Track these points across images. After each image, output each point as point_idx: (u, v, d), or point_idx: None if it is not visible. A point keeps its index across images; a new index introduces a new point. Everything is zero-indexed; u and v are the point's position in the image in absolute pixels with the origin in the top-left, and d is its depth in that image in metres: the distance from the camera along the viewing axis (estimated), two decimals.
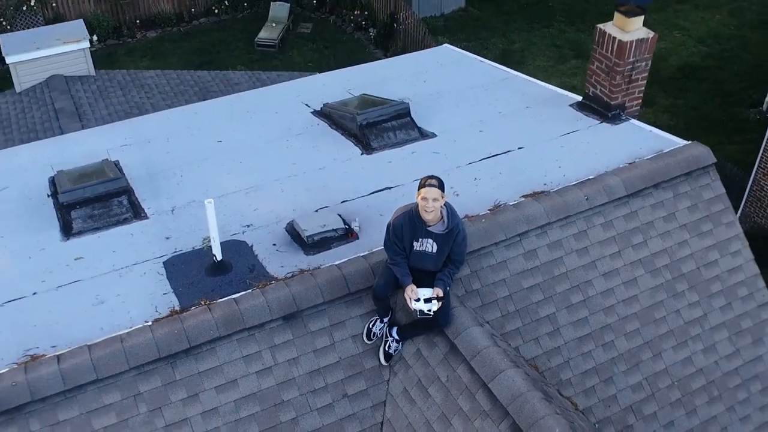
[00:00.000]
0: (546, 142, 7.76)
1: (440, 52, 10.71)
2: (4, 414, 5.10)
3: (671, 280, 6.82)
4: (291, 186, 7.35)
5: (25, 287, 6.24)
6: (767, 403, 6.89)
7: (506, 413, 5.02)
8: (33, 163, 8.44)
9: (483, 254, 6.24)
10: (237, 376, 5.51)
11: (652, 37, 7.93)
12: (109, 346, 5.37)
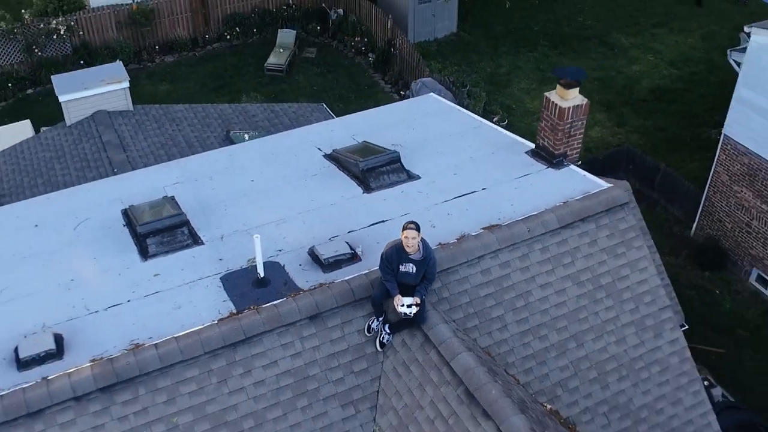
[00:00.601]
0: (504, 184, 10.25)
1: (425, 101, 13.21)
2: (122, 383, 7.59)
3: (592, 289, 9.31)
4: (310, 219, 9.84)
5: (120, 296, 8.73)
6: (664, 380, 9.36)
7: (461, 382, 7.51)
8: (105, 198, 10.92)
9: (451, 272, 8.73)
10: (277, 358, 7.99)
11: (585, 104, 10.38)
12: (190, 338, 7.86)
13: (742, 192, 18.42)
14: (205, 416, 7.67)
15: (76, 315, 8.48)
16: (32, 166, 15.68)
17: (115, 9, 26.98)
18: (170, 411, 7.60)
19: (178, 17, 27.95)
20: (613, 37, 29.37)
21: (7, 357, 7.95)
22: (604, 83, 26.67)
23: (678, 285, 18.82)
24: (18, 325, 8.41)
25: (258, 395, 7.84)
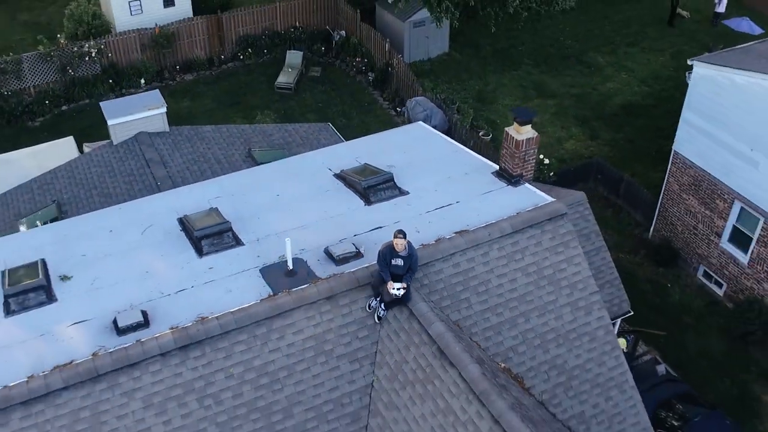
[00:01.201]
0: (472, 198, 13.40)
1: (415, 129, 16.39)
2: (193, 344, 10.72)
3: (537, 279, 12.45)
4: (324, 225, 12.99)
5: (185, 284, 11.87)
6: (592, 347, 12.50)
7: (435, 342, 10.66)
8: (163, 209, 14.08)
9: (429, 265, 11.87)
10: (303, 327, 11.13)
11: (536, 137, 13.50)
12: (241, 312, 11.02)
13: (690, 200, 21.59)
14: (252, 368, 10.81)
15: (153, 297, 11.64)
16: (86, 179, 18.81)
17: (139, 33, 30.15)
18: (228, 364, 10.75)
19: (196, 39, 31.12)
20: (590, 56, 32.54)
21: (108, 327, 11.10)
22: (580, 99, 29.84)
23: (635, 279, 22.16)
24: (110, 305, 11.57)
25: (290, 353, 10.98)
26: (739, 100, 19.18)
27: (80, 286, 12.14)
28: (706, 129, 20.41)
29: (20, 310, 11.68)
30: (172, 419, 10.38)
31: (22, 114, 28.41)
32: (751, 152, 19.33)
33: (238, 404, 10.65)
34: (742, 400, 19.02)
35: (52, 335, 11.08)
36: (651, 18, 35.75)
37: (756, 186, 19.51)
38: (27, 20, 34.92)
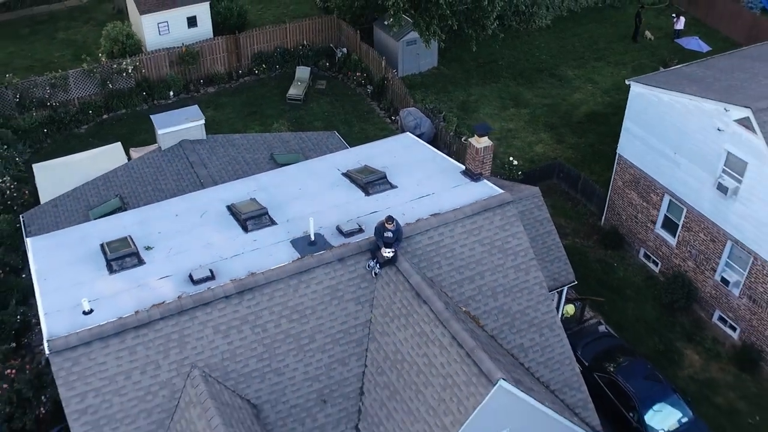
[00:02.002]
0: (444, 191, 18.34)
1: (403, 139, 21.36)
2: (247, 291, 15.66)
3: (490, 248, 17.39)
4: (336, 211, 17.93)
5: (237, 251, 16.83)
6: (530, 297, 17.41)
7: (413, 288, 15.61)
8: (214, 199, 19.03)
9: (411, 238, 16.82)
10: (322, 280, 16.09)
11: (491, 145, 18.47)
12: (279, 269, 15.96)
13: (631, 194, 26.58)
14: (287, 307, 15.75)
15: (215, 260, 16.57)
16: (141, 178, 23.74)
17: (168, 51, 35.10)
18: (271, 304, 15.68)
19: (217, 56, 36.09)
20: (561, 70, 37.53)
21: (185, 279, 16.03)
22: (550, 108, 34.82)
23: (588, 260, 27.14)
24: (185, 265, 16.50)
25: (313, 297, 15.93)
26: (665, 114, 24.17)
27: (160, 253, 17.09)
28: (642, 136, 25.40)
29: (120, 269, 16.62)
30: (233, 341, 15.32)
31: (70, 122, 33.34)
32: (674, 155, 24.31)
33: (278, 332, 15.59)
34: (666, 353, 24.00)
35: (146, 286, 16.02)
36: (617, 35, 40.78)
37: (680, 182, 24.50)
38: (64, 38, 39.86)
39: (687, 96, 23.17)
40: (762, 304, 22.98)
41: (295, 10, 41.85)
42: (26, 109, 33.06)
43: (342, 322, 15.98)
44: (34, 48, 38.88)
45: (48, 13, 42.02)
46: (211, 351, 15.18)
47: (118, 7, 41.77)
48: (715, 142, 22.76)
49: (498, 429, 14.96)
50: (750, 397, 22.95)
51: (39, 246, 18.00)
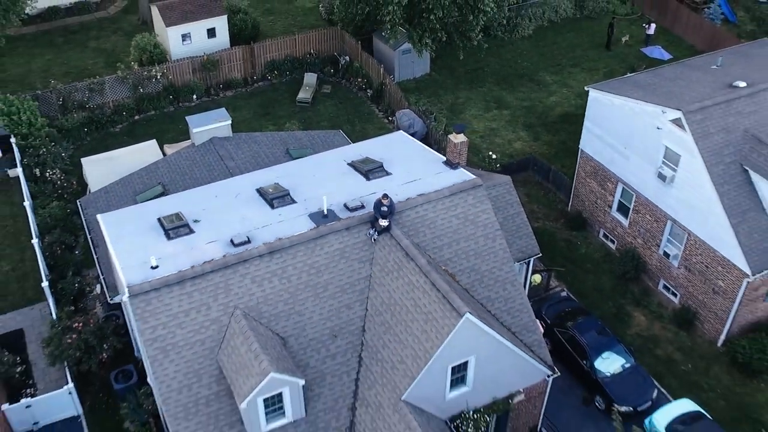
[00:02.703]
0: (429, 176, 23.32)
1: (397, 136, 26.35)
2: (276, 251, 20.62)
3: (464, 221, 22.34)
4: (343, 192, 22.92)
5: (267, 222, 21.81)
6: (496, 260, 22.35)
7: (403, 248, 20.59)
8: (245, 184, 24.00)
9: (402, 212, 21.79)
10: (333, 243, 21.05)
11: (466, 141, 23.43)
12: (300, 236, 20.94)
13: (591, 183, 31.55)
14: (306, 264, 20.70)
15: (250, 229, 21.54)
16: (179, 168, 28.67)
17: (191, 59, 40.05)
18: (294, 262, 20.63)
19: (234, 64, 41.02)
20: (540, 75, 42.49)
21: (228, 243, 20.98)
22: (529, 110, 39.78)
23: (556, 239, 32.07)
24: (227, 233, 21.45)
25: (326, 257, 20.89)
26: (616, 115, 29.15)
27: (206, 225, 22.04)
28: (599, 134, 30.38)
29: (175, 237, 21.56)
30: (266, 289, 20.26)
31: (106, 122, 38.28)
32: (625, 150, 29.29)
33: (299, 283, 20.54)
34: (618, 315, 28.96)
35: (197, 248, 20.96)
36: (592, 44, 45.75)
37: (629, 173, 29.48)
38: (95, 47, 44.81)
39: (633, 100, 28.15)
40: (696, 273, 27.94)
41: (302, 21, 46.81)
42: (68, 111, 38.00)
43: (348, 276, 20.94)
44: (69, 56, 43.81)
45: (79, 24, 46.95)
46: (249, 296, 20.13)
47: (143, 18, 46.71)
48: (656, 139, 27.73)
49: (466, 355, 19.90)
50: (685, 349, 27.92)
51: (108, 220, 22.97)
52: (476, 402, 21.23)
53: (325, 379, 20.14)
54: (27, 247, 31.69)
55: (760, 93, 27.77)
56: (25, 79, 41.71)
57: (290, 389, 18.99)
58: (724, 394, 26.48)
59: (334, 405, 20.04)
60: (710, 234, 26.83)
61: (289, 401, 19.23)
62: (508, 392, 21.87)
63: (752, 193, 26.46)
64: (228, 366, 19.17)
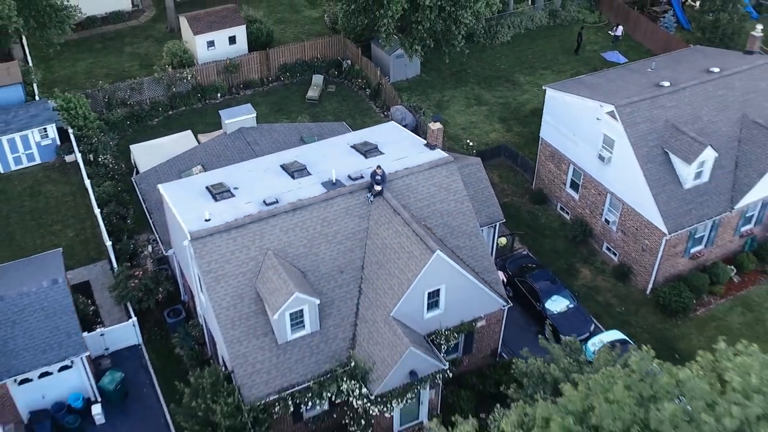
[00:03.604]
0: (413, 155, 30.82)
1: (389, 126, 33.90)
2: (298, 209, 28.12)
3: (440, 188, 29.81)
4: (347, 166, 30.45)
5: (289, 189, 29.31)
6: (462, 218, 29.81)
7: (392, 207, 28.09)
8: (271, 162, 31.54)
9: (391, 181, 29.29)
10: (341, 203, 28.56)
11: (441, 128, 30.91)
12: (314, 198, 28.44)
13: (549, 165, 39.07)
14: (320, 218, 28.18)
15: (277, 194, 29.03)
16: (215, 152, 36.13)
17: (215, 63, 47.54)
18: (311, 217, 28.08)
19: (252, 67, 48.51)
20: (516, 76, 49.98)
21: (261, 203, 28.45)
22: (504, 106, 47.26)
23: (521, 211, 39.59)
24: (260, 196, 28.91)
25: (335, 213, 28.36)
26: (567, 109, 36.63)
27: (244, 191, 29.51)
28: (554, 124, 37.86)
29: (221, 199, 29.03)
30: (290, 235, 27.72)
31: (144, 117, 45.76)
32: (574, 137, 36.76)
33: (315, 232, 28.00)
34: (569, 270, 36.43)
35: (238, 207, 28.41)
36: (562, 49, 53.23)
37: (578, 156, 36.96)
38: (131, 52, 52.32)
39: (579, 97, 35.63)
40: (629, 235, 35.39)
41: (309, 30, 54.33)
42: (112, 107, 45.48)
43: (351, 227, 28.39)
44: (107, 60, 51.31)
45: (115, 32, 54.45)
46: (277, 241, 27.57)
47: (170, 27, 54.22)
48: (596, 128, 35.21)
49: (438, 283, 27.30)
50: (620, 296, 35.37)
51: (168, 188, 30.43)
52: (447, 323, 28.68)
53: (334, 302, 27.61)
54: (86, 218, 39.14)
55: (679, 91, 35.23)
56: (72, 80, 49.16)
57: (309, 307, 26.46)
58: (649, 329, 33.93)
59: (341, 322, 27.51)
60: (638, 203, 34.29)
61: (308, 317, 26.70)
62: (472, 317, 29.32)
63: (670, 170, 33.90)
64: (263, 290, 26.63)
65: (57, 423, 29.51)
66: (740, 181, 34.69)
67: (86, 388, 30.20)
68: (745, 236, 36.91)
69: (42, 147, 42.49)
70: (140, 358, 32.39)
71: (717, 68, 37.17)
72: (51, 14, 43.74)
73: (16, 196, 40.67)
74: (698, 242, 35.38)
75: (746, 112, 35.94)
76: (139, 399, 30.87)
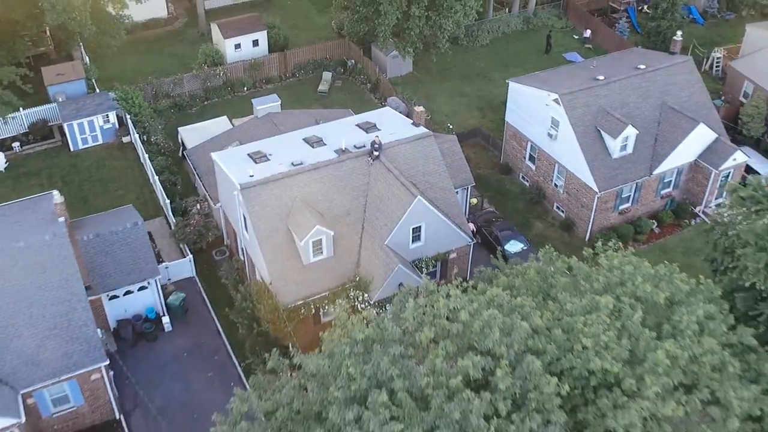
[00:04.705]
0: (403, 131, 41.93)
1: (385, 111, 45.10)
2: (322, 167, 39.19)
3: (420, 155, 40.87)
4: (353, 139, 41.60)
5: (309, 155, 40.42)
6: (440, 186, 40.81)
7: (385, 166, 39.18)
8: (295, 138, 42.69)
9: (386, 149, 40.38)
10: (350, 165, 39.68)
11: (423, 111, 42.01)
12: (330, 160, 39.53)
13: (513, 142, 50.25)
14: (334, 176, 39.27)
15: (301, 158, 40.08)
16: (248, 132, 47.21)
17: (243, 62, 58.68)
18: (327, 174, 39.13)
19: (272, 65, 59.70)
20: (492, 74, 61.13)
21: (290, 164, 39.52)
22: (481, 98, 58.41)
23: (490, 180, 50.87)
24: (289, 159, 40.00)
25: (345, 172, 39.45)
26: (524, 98, 47.73)
27: (276, 156, 40.65)
28: (516, 110, 48.98)
29: (260, 162, 40.15)
30: (312, 188, 38.84)
31: (184, 106, 56.91)
32: (530, 119, 47.85)
33: (330, 185, 39.12)
34: (525, 224, 47.47)
35: (273, 167, 39.46)
36: (533, 51, 64.36)
37: (533, 135, 48.09)
38: (170, 53, 63.48)
39: (532, 87, 46.70)
40: (572, 195, 46.40)
41: (318, 34, 65.49)
42: (159, 98, 56.56)
43: (356, 182, 39.45)
44: (151, 60, 62.43)
45: (154, 36, 65.60)
46: (303, 191, 38.62)
47: (201, 31, 65.36)
48: (545, 112, 46.26)
49: (420, 221, 38.27)
50: (565, 243, 46.40)
51: (219, 156, 41.50)
52: (427, 253, 39.65)
53: (344, 236, 38.60)
54: (143, 186, 50.21)
55: (611, 83, 46.28)
56: (122, 76, 60.18)
57: (326, 237, 37.46)
58: None
59: (349, 249, 38.53)
60: (578, 170, 45.28)
61: (325, 245, 37.69)
62: (446, 249, 40.29)
63: (602, 144, 44.91)
64: (292, 225, 37.64)
65: (136, 330, 40.47)
66: (658, 153, 45.72)
67: (157, 305, 41.21)
68: (665, 198, 47.92)
69: (104, 130, 53.57)
70: (195, 285, 43.45)
71: (644, 65, 48.16)
72: (111, 23, 54.83)
73: (85, 168, 51.75)
74: (625, 200, 46.41)
75: (665, 100, 46.96)
76: (196, 314, 41.88)
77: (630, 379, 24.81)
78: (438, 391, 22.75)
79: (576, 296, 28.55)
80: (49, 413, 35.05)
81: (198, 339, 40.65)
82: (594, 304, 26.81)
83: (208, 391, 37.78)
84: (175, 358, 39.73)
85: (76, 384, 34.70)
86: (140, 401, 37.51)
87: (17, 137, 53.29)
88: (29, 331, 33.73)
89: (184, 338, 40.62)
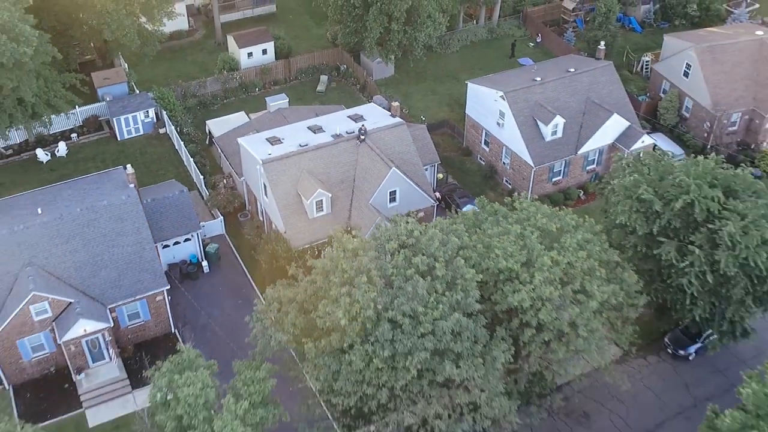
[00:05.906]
0: (382, 120, 56.66)
1: (371, 106, 59.94)
2: (322, 148, 53.83)
3: (396, 139, 55.61)
4: (345, 126, 56.25)
5: (312, 139, 55.12)
6: (407, 160, 55.49)
7: (370, 147, 53.85)
8: (301, 127, 57.46)
9: (370, 135, 55.08)
10: (344, 146, 54.43)
11: (398, 105, 56.68)
12: (329, 143, 54.20)
13: (473, 131, 65.23)
14: (332, 154, 54.01)
15: (306, 141, 54.75)
16: (263, 123, 61.92)
17: (255, 68, 73.38)
18: (327, 154, 53.77)
19: (278, 70, 74.45)
20: (460, 76, 75.94)
21: (297, 145, 54.14)
22: (450, 96, 73.27)
23: (454, 161, 66.09)
24: (296, 142, 54.64)
25: (341, 150, 54.23)
26: (479, 96, 62.55)
27: (287, 140, 55.39)
28: (473, 105, 63.84)
29: (275, 144, 54.85)
30: (316, 162, 53.54)
31: (208, 104, 71.55)
32: (484, 112, 62.62)
33: (329, 161, 53.92)
34: (479, 193, 62.12)
35: (286, 148, 54.08)
36: (499, 55, 79.25)
37: (487, 124, 62.93)
38: (192, 60, 78.15)
39: (485, 87, 61.46)
40: (516, 171, 61.10)
41: (316, 44, 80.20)
42: (186, 98, 71.13)
43: (348, 159, 54.19)
44: (176, 66, 76.99)
45: (178, 45, 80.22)
46: (308, 165, 53.37)
47: (218, 42, 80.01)
48: (495, 106, 61.02)
49: (395, 187, 52.90)
50: None
51: (244, 139, 56.13)
52: (401, 211, 54.07)
53: (339, 197, 53.23)
54: (179, 167, 64.75)
55: (546, 83, 61.06)
56: (154, 80, 74.68)
57: (325, 199, 52.16)
58: None
59: (342, 208, 53.22)
60: (519, 150, 60.03)
61: (325, 204, 52.34)
62: (416, 209, 54.83)
63: (537, 131, 59.70)
64: (301, 189, 52.24)
65: (182, 271, 54.95)
66: (582, 137, 60.46)
67: (198, 252, 55.72)
68: (590, 172, 62.61)
69: (144, 123, 68.09)
70: (225, 240, 58.01)
71: (573, 69, 62.88)
72: (149, 37, 69.33)
73: (131, 154, 66.26)
74: (558, 174, 61.12)
75: (589, 96, 61.70)
76: (227, 260, 56.41)
77: (524, 274, 39.47)
78: (398, 277, 37.36)
79: (496, 226, 43.30)
80: (126, 325, 49.55)
81: (229, 278, 55.21)
82: (506, 230, 41.51)
83: (238, 313, 52.25)
84: (213, 291, 54.29)
85: (145, 303, 49.24)
86: (188, 320, 52.04)
87: (74, 129, 67.78)
88: (113, 264, 48.32)
89: (219, 277, 55.19)
